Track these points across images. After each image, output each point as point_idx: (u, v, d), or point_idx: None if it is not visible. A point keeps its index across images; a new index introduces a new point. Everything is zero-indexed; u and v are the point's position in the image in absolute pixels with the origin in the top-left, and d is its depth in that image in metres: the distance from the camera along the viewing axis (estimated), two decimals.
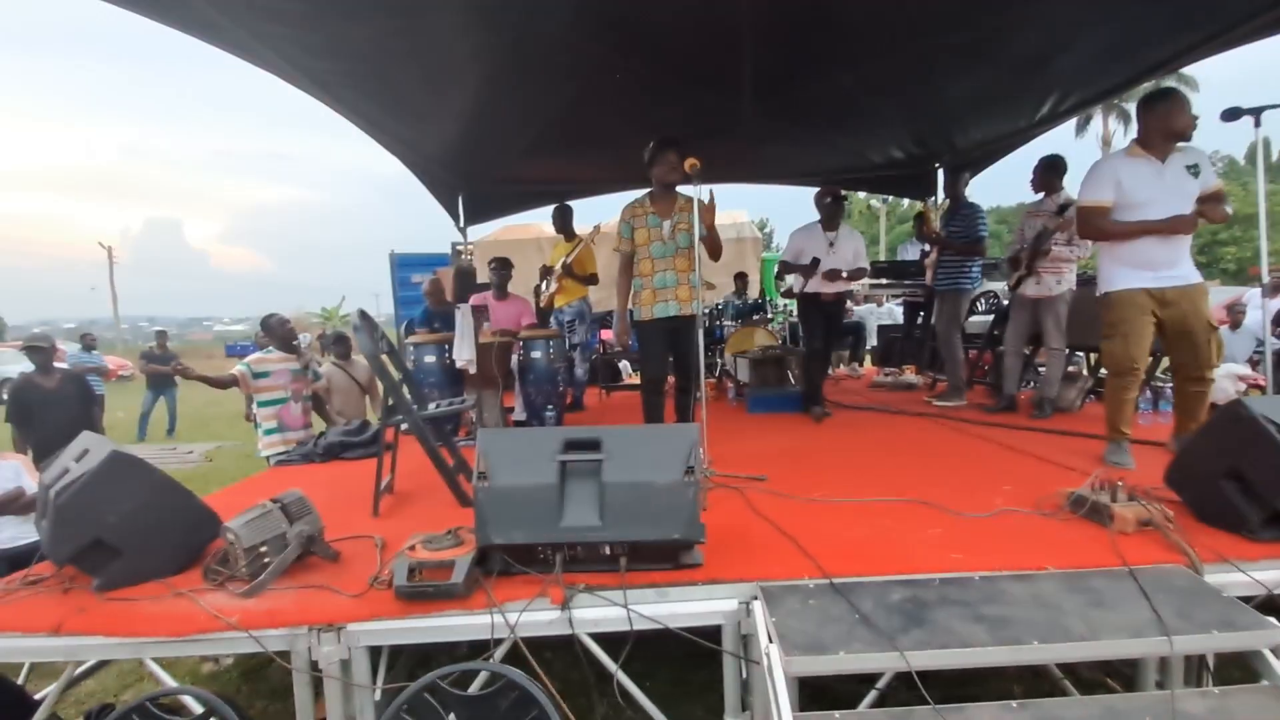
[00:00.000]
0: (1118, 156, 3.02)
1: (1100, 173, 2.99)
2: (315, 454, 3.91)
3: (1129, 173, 2.91)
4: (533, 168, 6.40)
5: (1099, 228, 2.99)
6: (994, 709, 1.60)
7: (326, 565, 2.21)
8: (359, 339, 2.49)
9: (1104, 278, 3.05)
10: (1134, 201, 2.90)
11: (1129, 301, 2.94)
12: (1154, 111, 2.91)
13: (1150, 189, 2.88)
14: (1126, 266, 2.96)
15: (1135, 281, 2.93)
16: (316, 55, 3.72)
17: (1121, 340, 2.96)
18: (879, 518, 2.47)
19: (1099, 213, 2.97)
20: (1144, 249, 2.91)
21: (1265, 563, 1.97)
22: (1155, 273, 2.91)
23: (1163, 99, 2.92)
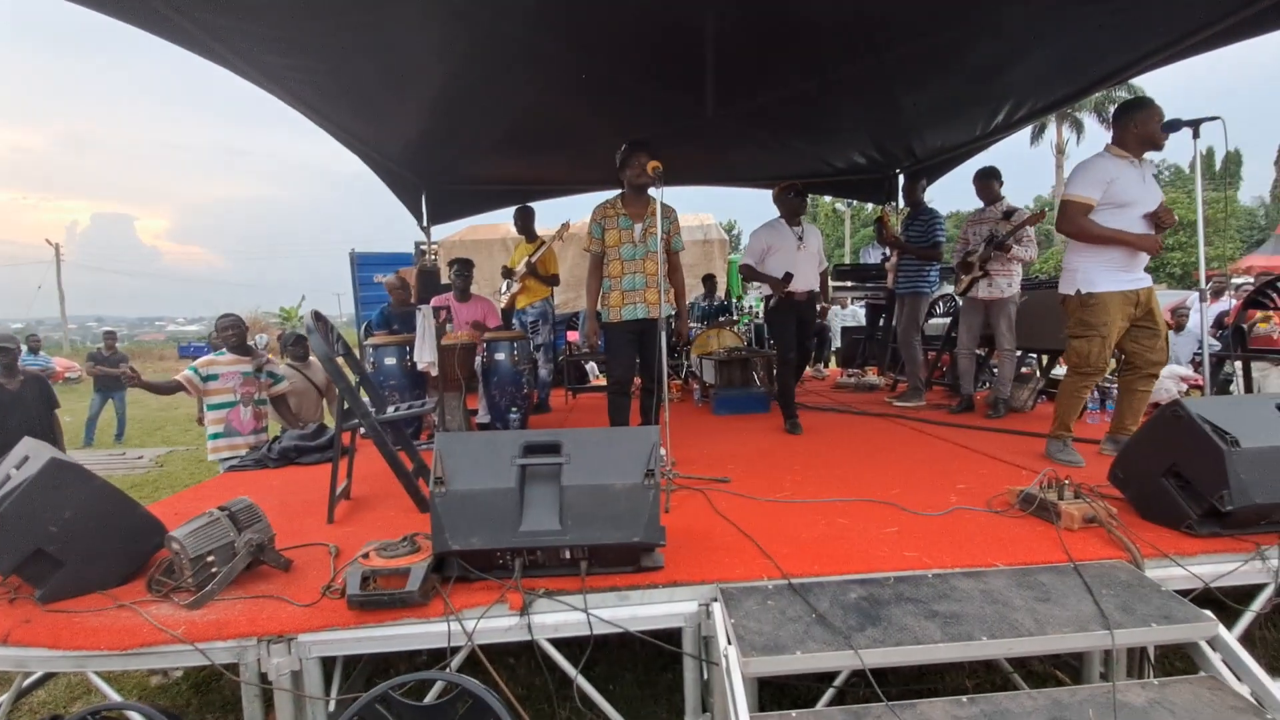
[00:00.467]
0: (1108, 157, 3.03)
1: (1093, 170, 2.99)
2: (269, 459, 3.79)
3: (1120, 173, 2.96)
4: (498, 167, 6.33)
5: (1079, 225, 2.99)
6: (945, 704, 1.63)
7: (278, 575, 2.15)
8: (312, 341, 2.42)
9: (1085, 278, 3.04)
10: (1121, 202, 2.95)
11: (1114, 304, 2.99)
12: (1134, 118, 2.97)
13: (1135, 191, 2.95)
14: (1112, 269, 3.00)
15: (1119, 284, 2.99)
16: (271, 50, 3.61)
17: (1100, 341, 3.01)
18: (838, 517, 2.51)
19: (1083, 209, 2.98)
20: (1124, 252, 2.98)
21: (1202, 557, 2.06)
22: (1131, 275, 3.01)
23: (1142, 107, 2.99)
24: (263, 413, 4.15)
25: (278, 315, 26.06)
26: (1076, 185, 3.01)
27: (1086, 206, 2.97)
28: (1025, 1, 3.63)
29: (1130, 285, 2.99)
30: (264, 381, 4.15)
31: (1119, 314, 2.99)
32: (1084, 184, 2.98)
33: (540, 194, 7.09)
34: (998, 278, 4.39)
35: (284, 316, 25.44)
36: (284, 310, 26.03)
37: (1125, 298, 2.99)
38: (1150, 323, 3.04)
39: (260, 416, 4.14)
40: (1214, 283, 8.22)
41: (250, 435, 4.06)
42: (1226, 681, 1.70)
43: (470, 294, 4.91)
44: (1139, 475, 2.33)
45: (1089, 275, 3.02)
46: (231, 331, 4.09)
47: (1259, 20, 3.53)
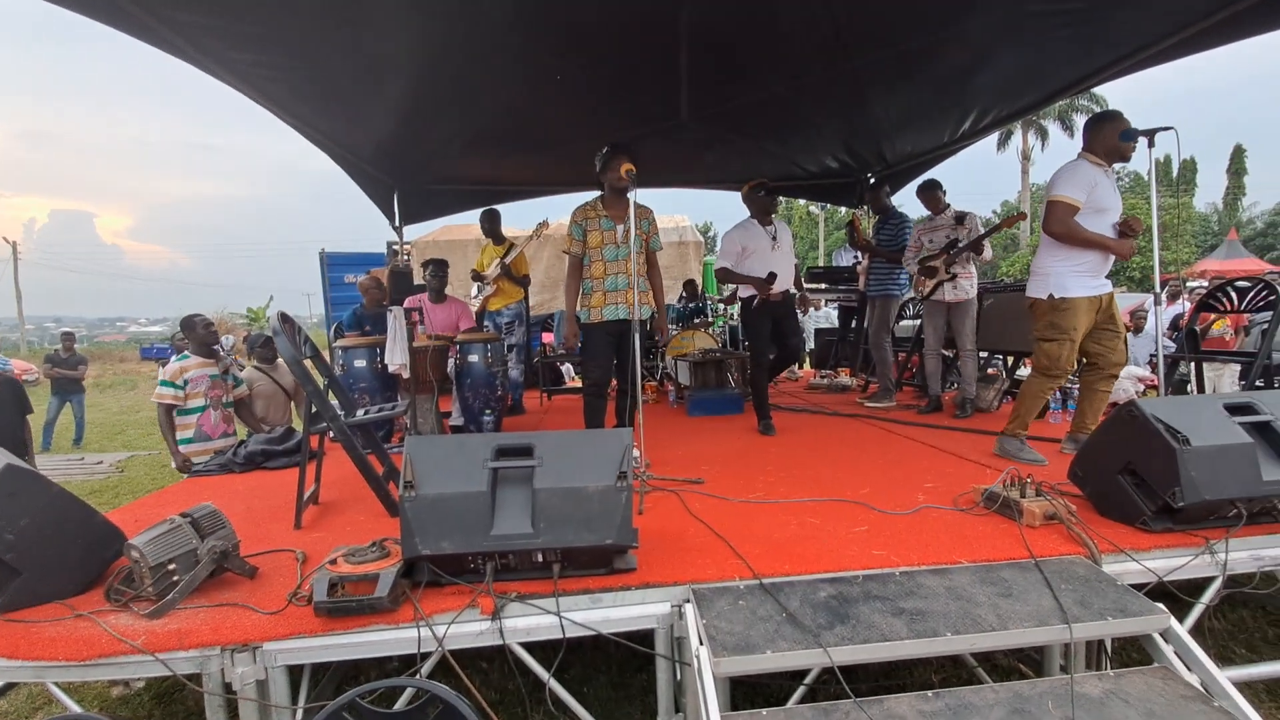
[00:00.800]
0: (1088, 163, 3.10)
1: (1079, 174, 3.06)
2: (235, 463, 3.71)
3: (1099, 180, 3.05)
4: (472, 168, 6.28)
5: (1068, 226, 3.05)
6: (912, 699, 1.66)
7: (243, 582, 2.11)
8: (279, 343, 2.38)
9: (1057, 282, 3.12)
10: (1100, 207, 3.05)
11: (1084, 309, 3.09)
12: (1104, 129, 3.07)
13: (1111, 198, 3.07)
14: (1084, 274, 3.09)
15: (1089, 290, 3.10)
16: (237, 47, 3.53)
17: (1070, 345, 3.11)
18: (809, 517, 2.54)
19: (1071, 210, 3.05)
20: (1097, 258, 3.08)
21: (1156, 552, 2.13)
22: (1099, 281, 3.12)
23: (1113, 119, 3.08)
24: (230, 415, 4.06)
25: (245, 316, 25.45)
26: (1063, 187, 3.07)
27: (1074, 208, 3.05)
28: (990, 12, 3.72)
29: (1097, 291, 3.11)
30: (229, 384, 4.05)
31: (1086, 318, 3.10)
32: (1071, 186, 3.05)
33: (515, 194, 7.06)
34: (962, 280, 4.50)
35: (251, 317, 24.87)
36: (251, 311, 25.44)
37: (1092, 302, 3.10)
38: (1111, 325, 3.15)
39: (229, 420, 4.05)
40: (1170, 286, 8.52)
41: (219, 440, 3.96)
42: (1178, 671, 1.76)
43: (445, 295, 4.86)
44: (1097, 473, 2.40)
45: (1061, 280, 3.11)
46: (204, 330, 3.98)
47: (1210, 34, 3.66)
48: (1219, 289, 3.98)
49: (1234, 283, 3.85)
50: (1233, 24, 3.52)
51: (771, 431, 4.19)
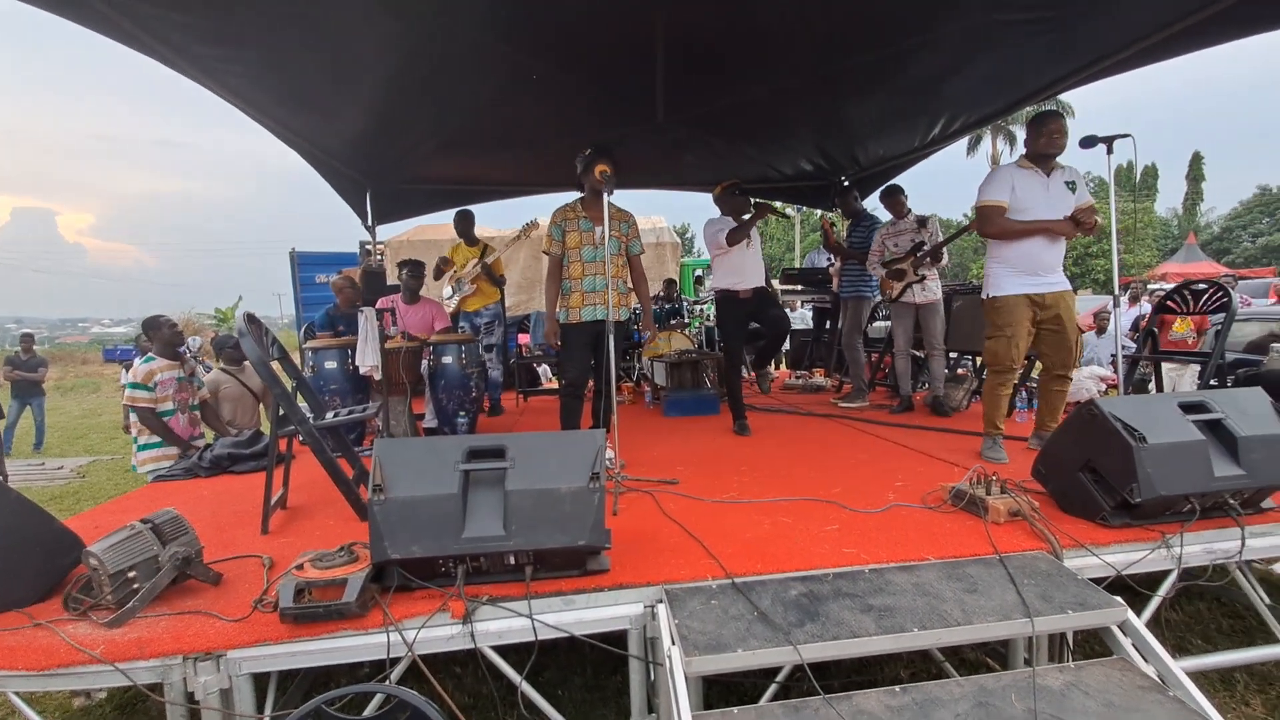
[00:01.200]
0: (1011, 166, 3.30)
1: (999, 177, 3.26)
2: (200, 468, 3.62)
3: (1020, 181, 3.20)
4: (447, 167, 6.21)
5: (998, 225, 3.22)
6: (880, 694, 1.69)
7: (207, 589, 2.07)
8: (245, 345, 2.33)
9: (992, 283, 3.30)
10: (1022, 207, 3.19)
11: (1015, 306, 3.21)
12: (1035, 131, 3.24)
13: (1036, 198, 3.18)
14: (1015, 273, 3.23)
15: (1021, 288, 3.22)
16: (202, 41, 3.45)
17: (1006, 341, 3.23)
18: (782, 516, 2.56)
19: (998, 211, 3.22)
20: (1030, 256, 3.20)
21: (1115, 547, 2.20)
22: (1037, 279, 3.21)
23: (1041, 120, 3.25)
24: (196, 418, 3.96)
25: (212, 317, 24.84)
26: (986, 192, 3.27)
27: (1000, 208, 3.21)
28: (960, 21, 3.80)
29: (1034, 289, 3.20)
30: (194, 386, 3.96)
31: (1022, 315, 3.20)
32: (992, 189, 3.24)
33: (492, 194, 7.01)
34: (929, 282, 4.60)
35: (219, 318, 24.28)
36: (219, 311, 24.82)
37: (1030, 300, 3.20)
38: (1057, 326, 3.24)
39: (195, 423, 3.95)
40: (1132, 289, 8.78)
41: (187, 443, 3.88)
42: (1135, 663, 1.82)
43: (419, 296, 4.81)
44: (1059, 470, 2.46)
45: (996, 280, 3.27)
46: (169, 332, 3.89)
47: (1169, 45, 3.78)
48: (1176, 291, 4.11)
49: (1190, 285, 3.98)
50: (1191, 34, 3.64)
51: (746, 432, 4.22)
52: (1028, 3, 3.52)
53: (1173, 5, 3.51)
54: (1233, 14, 3.35)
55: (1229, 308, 3.66)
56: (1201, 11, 3.44)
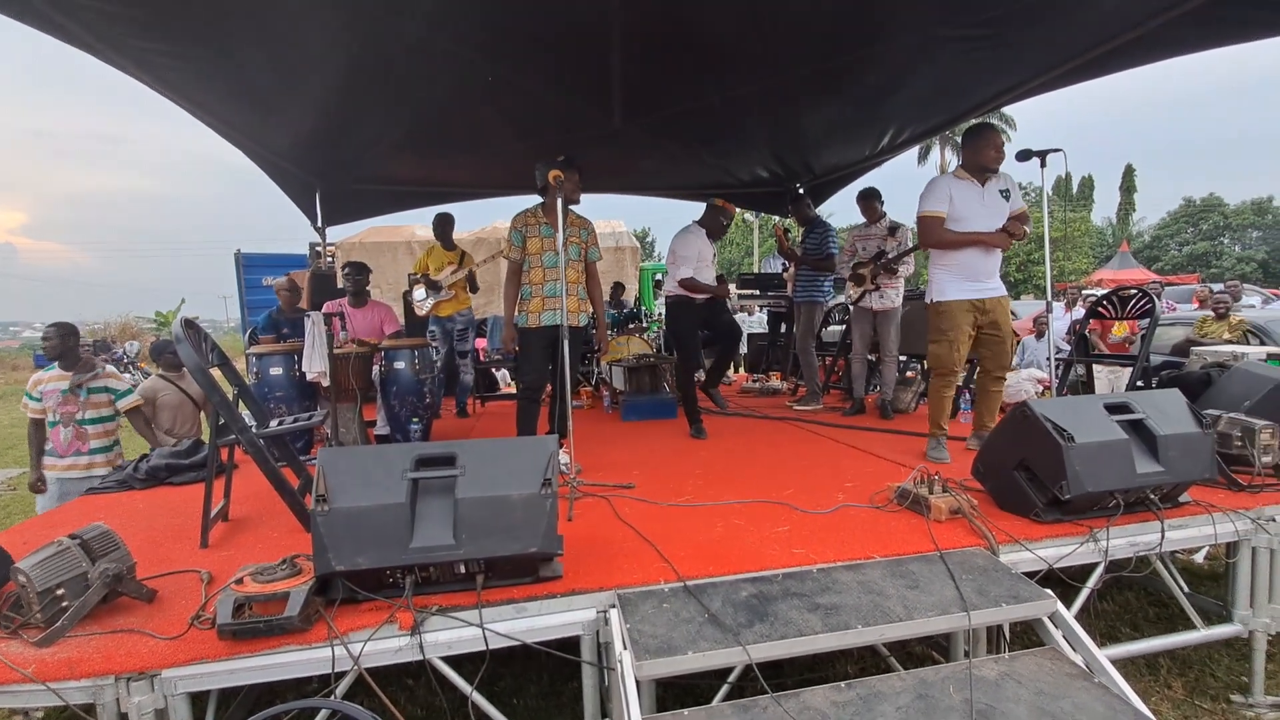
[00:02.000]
0: (948, 177, 3.43)
1: (936, 188, 3.39)
2: (134, 479, 3.46)
3: (957, 191, 3.34)
4: (401, 168, 6.10)
5: (937, 235, 3.35)
6: (826, 690, 1.74)
7: (141, 606, 1.99)
8: (181, 351, 2.24)
9: (935, 289, 3.42)
10: (960, 217, 3.32)
11: (957, 310, 3.34)
12: (970, 143, 3.38)
13: (972, 207, 3.32)
14: (957, 279, 3.36)
15: (963, 293, 3.34)
16: (137, 34, 3.30)
17: (948, 345, 3.35)
18: (735, 518, 2.60)
19: (936, 221, 3.34)
20: (970, 263, 3.33)
21: (1047, 541, 2.30)
22: (978, 284, 3.35)
23: (976, 134, 3.40)
24: (84, 433, 3.73)
25: (152, 320, 23.74)
26: (925, 203, 3.39)
27: (939, 219, 3.33)
28: (904, 35, 3.94)
29: (975, 294, 3.34)
30: (84, 399, 3.73)
31: (964, 320, 3.33)
32: (930, 200, 3.36)
33: (448, 196, 6.90)
34: (887, 290, 4.74)
35: (159, 322, 23.21)
36: (159, 315, 23.73)
37: (972, 305, 3.33)
38: (995, 331, 3.39)
39: (82, 438, 3.72)
40: (1069, 294, 9.22)
41: (69, 459, 3.73)
42: (1064, 652, 1.91)
43: (367, 298, 4.70)
44: (995, 469, 2.57)
45: (939, 286, 3.39)
46: (59, 339, 3.70)
47: (1100, 63, 4.01)
48: (1106, 297, 4.34)
49: (1119, 291, 4.21)
50: (1118, 55, 3.87)
51: (703, 435, 4.28)
52: (966, 21, 3.67)
53: (1100, 28, 3.72)
54: (1154, 38, 3.57)
55: (1153, 313, 3.88)
56: (1125, 34, 3.66)
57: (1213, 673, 2.72)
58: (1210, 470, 2.47)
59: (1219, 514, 2.41)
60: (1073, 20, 3.66)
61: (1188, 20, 3.33)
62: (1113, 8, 3.48)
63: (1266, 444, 2.65)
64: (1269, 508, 2.48)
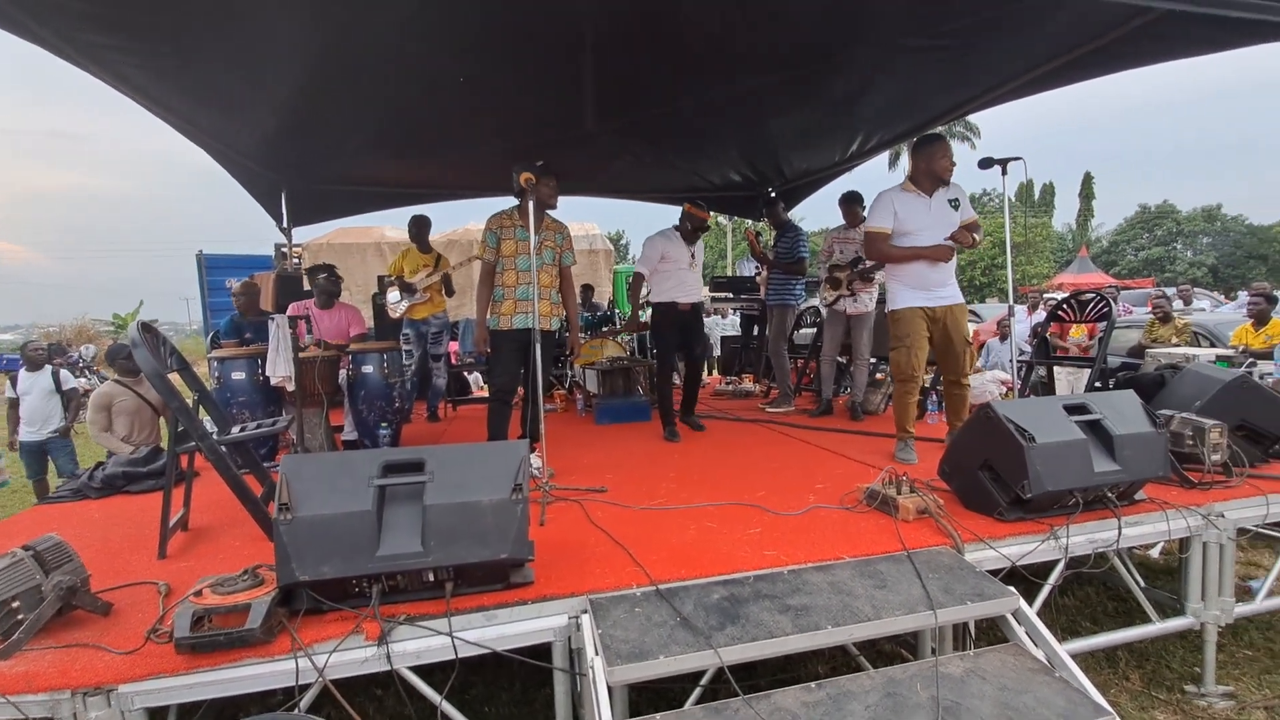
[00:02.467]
0: (894, 190, 3.50)
1: (881, 203, 3.46)
2: (90, 488, 3.34)
3: (903, 205, 3.41)
4: (370, 168, 5.99)
5: (880, 250, 3.46)
6: (797, 691, 1.75)
7: (97, 619, 1.93)
8: (138, 356, 2.17)
9: (891, 297, 3.52)
10: (907, 229, 3.40)
11: (911, 318, 3.41)
12: (919, 154, 3.47)
13: (920, 219, 3.39)
14: (909, 288, 3.44)
15: (916, 301, 3.42)
16: (92, 28, 3.19)
17: (906, 351, 3.42)
18: (708, 521, 2.61)
19: (881, 237, 3.43)
20: (921, 273, 3.41)
21: (1010, 539, 2.36)
22: (929, 293, 3.42)
23: (926, 145, 3.48)
24: None
25: (110, 323, 22.92)
26: (870, 219, 3.49)
27: (884, 234, 3.42)
28: (870, 45, 4.01)
29: (927, 302, 3.42)
30: None
31: (919, 326, 3.41)
32: (876, 217, 3.46)
33: (417, 198, 6.81)
34: (862, 295, 4.82)
35: (117, 324, 22.43)
36: (117, 317, 22.91)
37: (924, 312, 3.41)
38: (945, 338, 3.46)
39: None
40: (1031, 298, 9.48)
41: None
42: (1027, 648, 1.96)
43: (335, 301, 4.61)
44: (961, 469, 2.63)
45: (894, 295, 3.49)
46: None
47: (1057, 76, 4.13)
48: (1065, 301, 4.47)
49: (1078, 295, 4.34)
50: (1074, 68, 4.00)
51: (676, 438, 4.29)
52: (929, 32, 3.76)
53: (1056, 42, 3.84)
54: (1107, 52, 3.70)
55: (1109, 316, 4.01)
56: (1080, 48, 3.79)
57: (1168, 664, 2.82)
58: (1164, 468, 2.56)
59: (1172, 511, 2.50)
60: (1030, 34, 3.77)
61: (1138, 35, 3.46)
62: (1067, 23, 3.60)
63: (1216, 443, 2.76)
64: (1218, 504, 2.58)
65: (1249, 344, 5.28)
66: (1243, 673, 2.75)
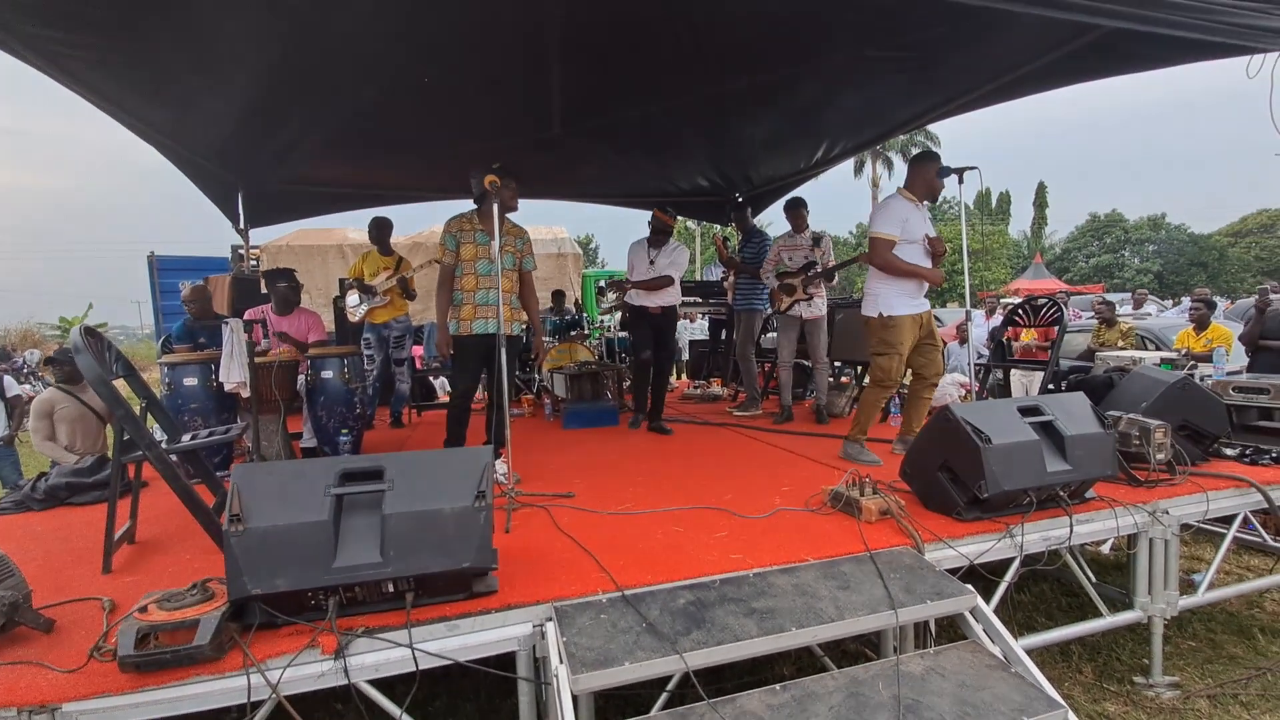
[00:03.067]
0: (900, 200, 3.51)
1: (892, 210, 3.46)
2: (33, 500, 3.19)
3: (910, 214, 3.46)
4: (331, 169, 5.86)
5: (886, 259, 3.44)
6: (761, 694, 1.76)
7: (41, 637, 1.84)
8: (81, 362, 2.07)
9: (885, 303, 3.49)
10: (913, 238, 3.45)
11: (907, 325, 3.46)
12: (925, 169, 3.50)
13: (918, 229, 3.46)
14: (906, 296, 3.48)
15: (912, 309, 3.48)
16: (37, 21, 3.05)
17: (898, 358, 3.47)
18: (674, 525, 2.61)
19: (888, 244, 3.44)
20: (916, 282, 3.48)
21: (968, 539, 2.42)
22: (918, 301, 3.51)
23: (931, 160, 3.53)
24: None
25: (56, 327, 21.93)
26: (880, 224, 3.47)
27: (891, 242, 3.45)
28: (833, 54, 4.09)
29: (918, 309, 3.50)
30: None
31: (910, 333, 3.48)
32: (886, 223, 3.45)
33: (380, 199, 6.69)
34: (816, 299, 4.88)
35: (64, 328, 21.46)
36: (64, 321, 21.93)
37: (915, 319, 3.48)
38: (931, 340, 3.57)
39: None
40: (988, 303, 9.76)
41: None
42: (984, 645, 2.00)
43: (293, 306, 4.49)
44: (921, 471, 2.68)
45: (889, 301, 3.49)
46: None
47: (1014, 87, 4.28)
48: (1020, 306, 4.61)
49: (1031, 301, 4.48)
50: (1026, 81, 4.14)
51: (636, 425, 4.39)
52: (889, 44, 3.86)
53: (1008, 57, 3.99)
54: (1061, 65, 3.84)
55: (1061, 321, 4.15)
56: (1030, 64, 3.94)
57: (1118, 656, 2.92)
58: (1112, 467, 2.66)
59: (1120, 508, 2.59)
60: (986, 48, 3.90)
61: (1087, 51, 3.60)
62: (1021, 39, 3.73)
63: (1160, 442, 2.87)
64: (1163, 501, 2.69)
65: (1191, 347, 5.53)
66: (1187, 663, 2.87)
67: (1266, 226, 36.66)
